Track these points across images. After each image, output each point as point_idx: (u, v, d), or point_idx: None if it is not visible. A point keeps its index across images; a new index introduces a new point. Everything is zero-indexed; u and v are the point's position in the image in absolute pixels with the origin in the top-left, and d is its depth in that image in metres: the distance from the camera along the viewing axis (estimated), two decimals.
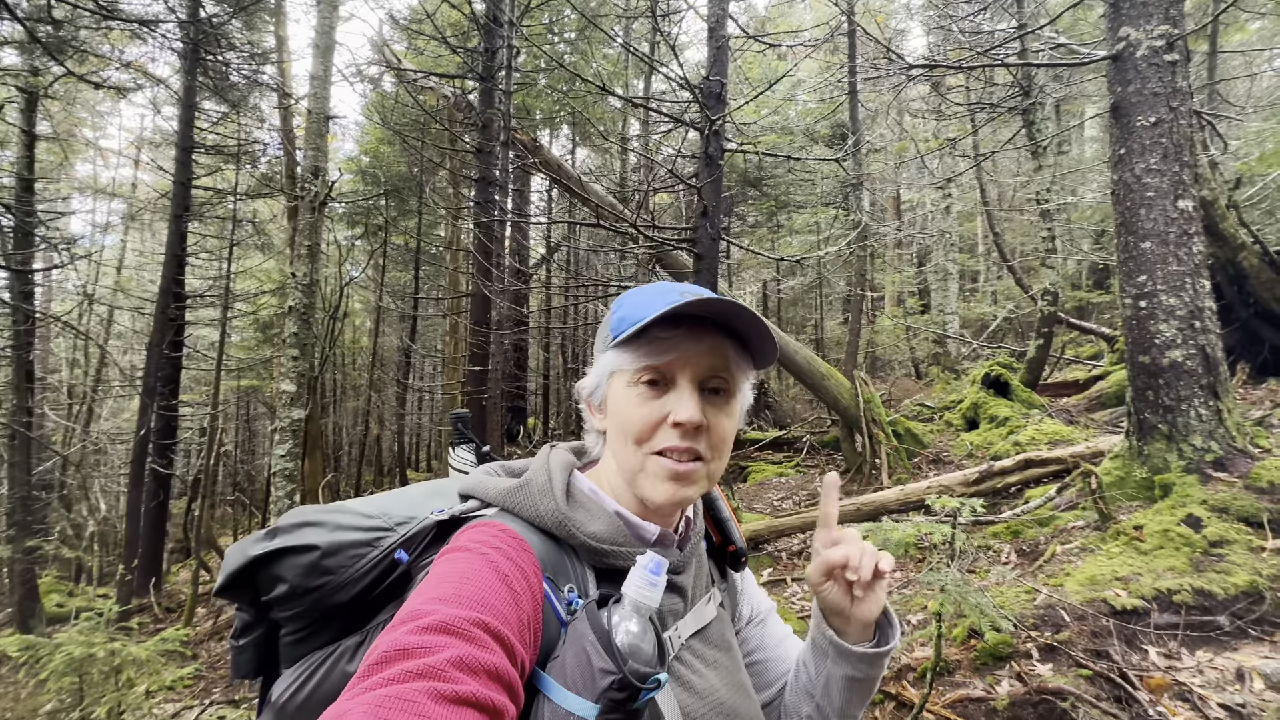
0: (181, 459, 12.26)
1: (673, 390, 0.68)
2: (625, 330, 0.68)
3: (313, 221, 4.36)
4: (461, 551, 0.61)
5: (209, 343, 12.01)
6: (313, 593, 0.68)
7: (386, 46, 9.92)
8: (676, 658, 0.70)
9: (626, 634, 0.59)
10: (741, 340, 0.71)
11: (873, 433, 6.31)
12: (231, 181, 9.09)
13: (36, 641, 3.18)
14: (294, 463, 4.30)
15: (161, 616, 7.41)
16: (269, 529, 0.73)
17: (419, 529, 0.71)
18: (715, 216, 4.72)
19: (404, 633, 0.49)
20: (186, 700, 4.19)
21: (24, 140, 8.13)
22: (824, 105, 11.23)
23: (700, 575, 0.79)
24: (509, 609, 0.55)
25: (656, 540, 0.73)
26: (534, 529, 0.68)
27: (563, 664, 0.58)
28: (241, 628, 0.75)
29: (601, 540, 0.68)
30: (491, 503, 0.72)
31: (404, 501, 0.77)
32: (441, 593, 0.54)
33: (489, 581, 0.56)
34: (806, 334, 16.94)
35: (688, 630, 0.73)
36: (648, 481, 0.68)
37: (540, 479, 0.71)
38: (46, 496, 10.10)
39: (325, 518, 0.72)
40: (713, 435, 0.69)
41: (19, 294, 7.91)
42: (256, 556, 0.69)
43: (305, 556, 0.68)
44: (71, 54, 6.36)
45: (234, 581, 0.71)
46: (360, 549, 0.69)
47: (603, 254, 12.71)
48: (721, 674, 0.73)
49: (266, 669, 0.75)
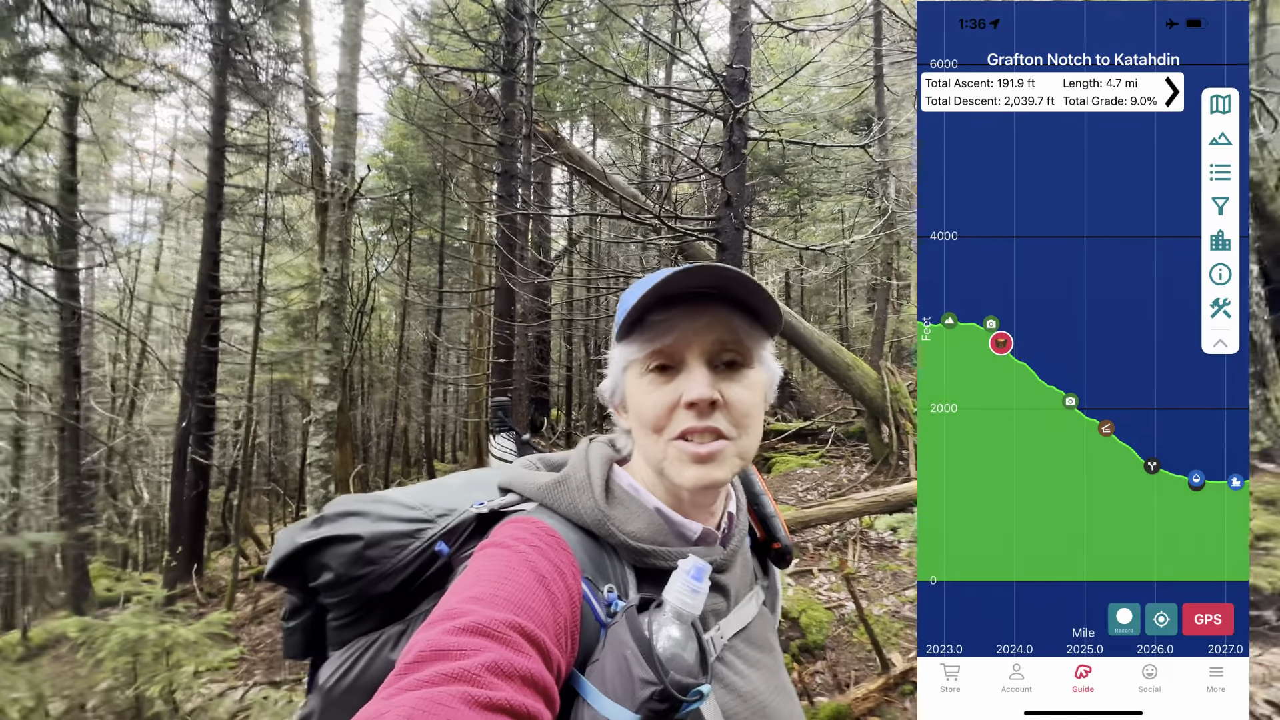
0: (218, 450, 12.66)
1: (683, 371, 0.67)
2: (623, 321, 0.67)
3: (343, 217, 4.45)
4: (500, 548, 0.61)
5: (242, 337, 12.35)
6: (356, 581, 0.69)
7: (409, 42, 10.00)
8: (719, 658, 0.68)
9: (668, 641, 0.57)
10: (748, 309, 0.68)
11: (900, 423, 6.24)
12: (262, 179, 9.29)
13: (93, 623, 3.34)
14: (328, 454, 4.42)
15: (203, 601, 7.70)
16: (316, 517, 0.74)
17: (459, 521, 0.72)
18: (739, 206, 4.68)
19: (440, 632, 0.49)
20: (231, 681, 4.36)
21: (66, 143, 8.42)
22: (849, 90, 11.01)
23: (744, 573, 0.78)
24: (546, 611, 0.55)
25: (699, 539, 0.71)
26: (573, 526, 0.67)
27: (602, 669, 0.57)
28: (291, 610, 0.77)
29: (642, 540, 0.67)
30: (530, 497, 0.72)
31: (444, 492, 0.78)
32: (479, 592, 0.54)
33: (526, 582, 0.56)
34: (830, 324, 16.73)
35: (730, 630, 0.71)
36: (673, 468, 0.67)
37: (579, 475, 0.71)
38: (94, 486, 10.54)
39: (369, 508, 0.73)
40: (733, 410, 0.66)
41: (65, 291, 8.23)
42: (303, 544, 0.71)
43: (349, 546, 0.69)
44: (109, 58, 6.56)
45: (283, 566, 0.73)
46: (402, 540, 0.70)
47: (625, 245, 12.70)
48: (764, 675, 0.72)
49: (314, 651, 0.77)
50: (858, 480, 6.33)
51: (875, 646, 2.84)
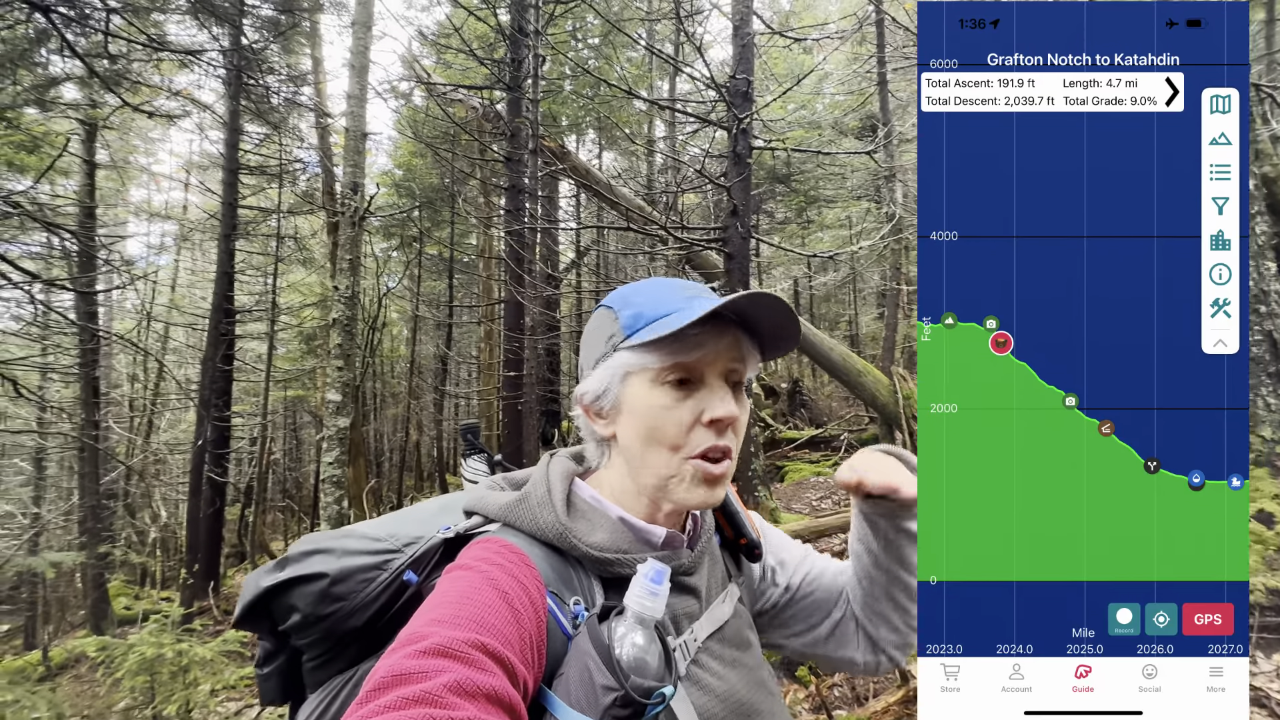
0: (234, 467, 12.80)
1: (703, 388, 0.67)
2: (654, 330, 0.66)
3: (353, 235, 4.52)
4: (463, 570, 0.61)
5: (256, 355, 12.52)
6: (326, 620, 0.68)
7: (416, 62, 10.18)
8: (694, 660, 0.68)
9: (632, 647, 0.57)
10: (757, 335, 0.71)
11: (913, 429, 6.18)
12: (275, 200, 9.46)
13: (111, 642, 3.38)
14: (341, 470, 4.45)
15: (220, 618, 7.75)
16: (280, 559, 0.73)
17: (426, 548, 0.71)
18: (745, 215, 4.70)
19: (401, 657, 0.49)
20: (248, 699, 4.38)
21: (85, 169, 8.64)
22: (852, 97, 11.05)
23: (714, 573, 0.77)
24: (509, 628, 0.54)
25: (664, 543, 0.71)
26: (536, 542, 0.67)
27: (566, 681, 0.57)
28: (264, 656, 0.76)
29: (605, 549, 0.66)
30: (493, 518, 0.71)
31: (413, 521, 0.77)
32: (440, 614, 0.54)
33: (489, 600, 0.56)
34: (840, 330, 16.66)
35: (704, 632, 0.71)
36: (683, 487, 0.67)
37: (539, 491, 0.70)
38: (113, 505, 10.68)
39: (333, 544, 0.72)
40: (737, 429, 0.68)
41: (84, 314, 8.40)
42: (268, 588, 0.70)
43: (315, 585, 0.68)
44: (126, 86, 6.73)
45: (250, 612, 0.71)
46: (369, 573, 0.69)
47: (632, 256, 12.76)
48: (741, 673, 0.72)
49: (292, 695, 0.76)
50: None
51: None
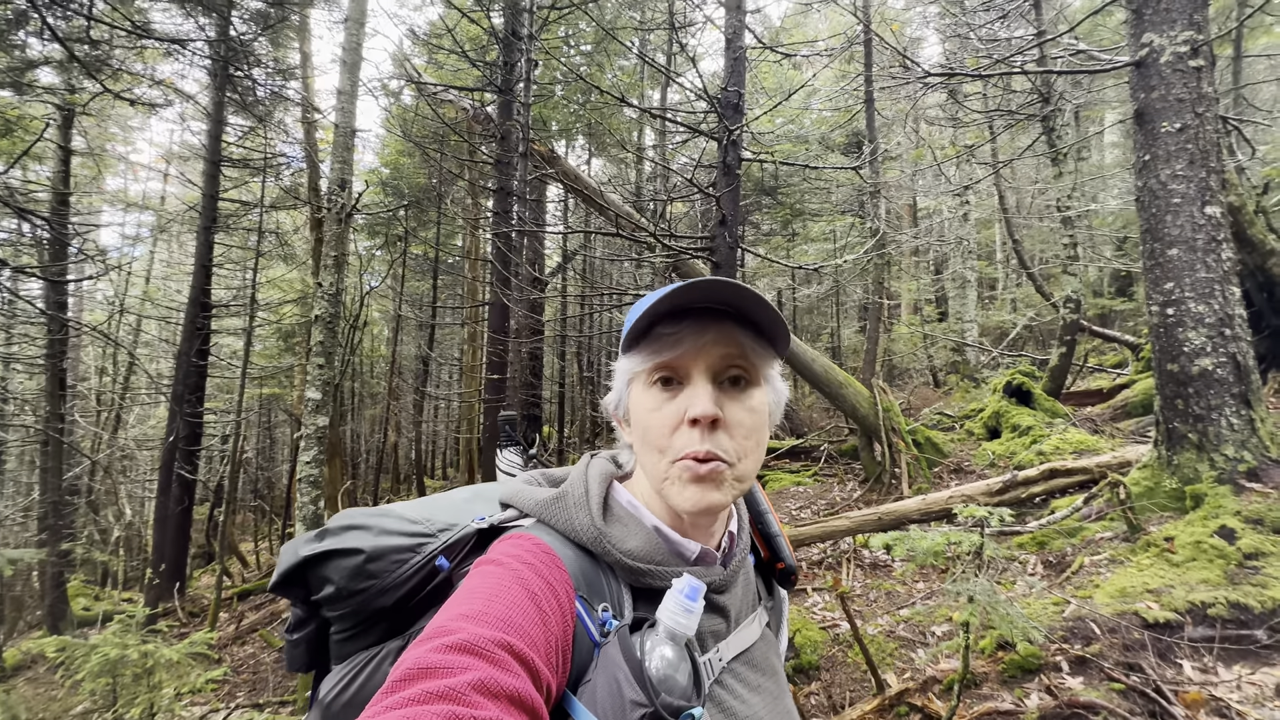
0: (204, 465, 12.47)
1: (687, 386, 0.66)
2: (632, 332, 0.67)
3: (339, 232, 4.46)
4: (494, 565, 0.61)
5: (232, 351, 12.25)
6: (358, 595, 0.69)
7: (407, 61, 10.12)
8: (718, 681, 0.67)
9: (661, 662, 0.56)
10: (755, 326, 0.67)
11: (892, 441, 6.26)
12: (257, 194, 9.30)
13: (72, 643, 3.26)
14: (319, 469, 4.37)
15: (185, 620, 7.53)
16: (320, 530, 0.73)
17: (460, 536, 0.72)
18: (733, 225, 4.74)
19: (428, 649, 0.49)
20: (213, 703, 4.25)
21: (60, 156, 8.41)
22: (840, 114, 11.24)
23: (746, 594, 0.76)
24: (536, 630, 0.54)
25: (698, 559, 0.69)
26: (569, 543, 0.66)
27: (593, 690, 0.56)
28: (295, 623, 0.76)
29: (638, 559, 0.65)
30: (529, 513, 0.71)
31: (447, 506, 0.78)
32: (469, 609, 0.54)
33: (518, 600, 0.55)
34: (823, 342, 16.85)
35: (730, 653, 0.69)
36: (674, 488, 0.65)
37: (577, 491, 0.70)
38: (76, 501, 10.33)
39: (372, 521, 0.72)
40: (733, 430, 0.64)
41: (53, 304, 8.16)
42: (306, 556, 0.70)
43: (351, 560, 0.69)
44: (108, 73, 6.58)
45: (287, 579, 0.72)
46: (403, 554, 0.69)
47: (619, 262, 12.77)
48: (765, 699, 0.70)
49: (318, 664, 0.77)
50: (850, 498, 6.32)
51: (870, 667, 2.82)
